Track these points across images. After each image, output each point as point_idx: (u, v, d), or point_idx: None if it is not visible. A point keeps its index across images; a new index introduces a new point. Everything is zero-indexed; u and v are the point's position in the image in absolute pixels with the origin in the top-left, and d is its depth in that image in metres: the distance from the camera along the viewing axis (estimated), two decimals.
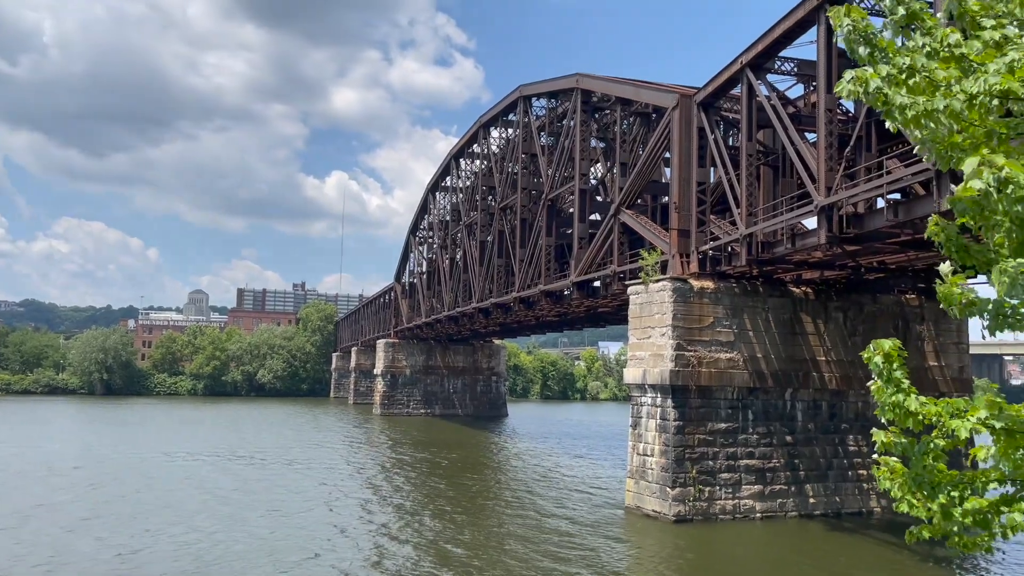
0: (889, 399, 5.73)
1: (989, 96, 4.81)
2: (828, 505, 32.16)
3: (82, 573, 22.02)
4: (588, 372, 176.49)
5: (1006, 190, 4.74)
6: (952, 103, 4.90)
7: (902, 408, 5.66)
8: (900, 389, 5.73)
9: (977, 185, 4.79)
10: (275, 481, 39.90)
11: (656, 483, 30.95)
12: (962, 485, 5.73)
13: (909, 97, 5.09)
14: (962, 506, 5.64)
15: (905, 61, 5.09)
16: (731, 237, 31.19)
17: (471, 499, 35.92)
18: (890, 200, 25.32)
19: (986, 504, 5.65)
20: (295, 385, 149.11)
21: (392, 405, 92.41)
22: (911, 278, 34.17)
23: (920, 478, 5.74)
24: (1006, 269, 4.93)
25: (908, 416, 5.66)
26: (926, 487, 5.73)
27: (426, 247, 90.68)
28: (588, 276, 43.67)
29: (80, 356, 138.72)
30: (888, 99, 5.12)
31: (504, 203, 60.68)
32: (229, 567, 22.73)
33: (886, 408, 5.74)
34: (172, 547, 24.90)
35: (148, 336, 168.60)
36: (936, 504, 5.69)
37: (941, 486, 5.72)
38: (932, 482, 5.73)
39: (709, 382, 31.30)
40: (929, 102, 4.96)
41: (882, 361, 5.83)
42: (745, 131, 30.59)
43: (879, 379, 5.85)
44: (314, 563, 23.52)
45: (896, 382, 5.76)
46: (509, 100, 59.27)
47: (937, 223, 5.67)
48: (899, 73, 5.09)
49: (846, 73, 5.35)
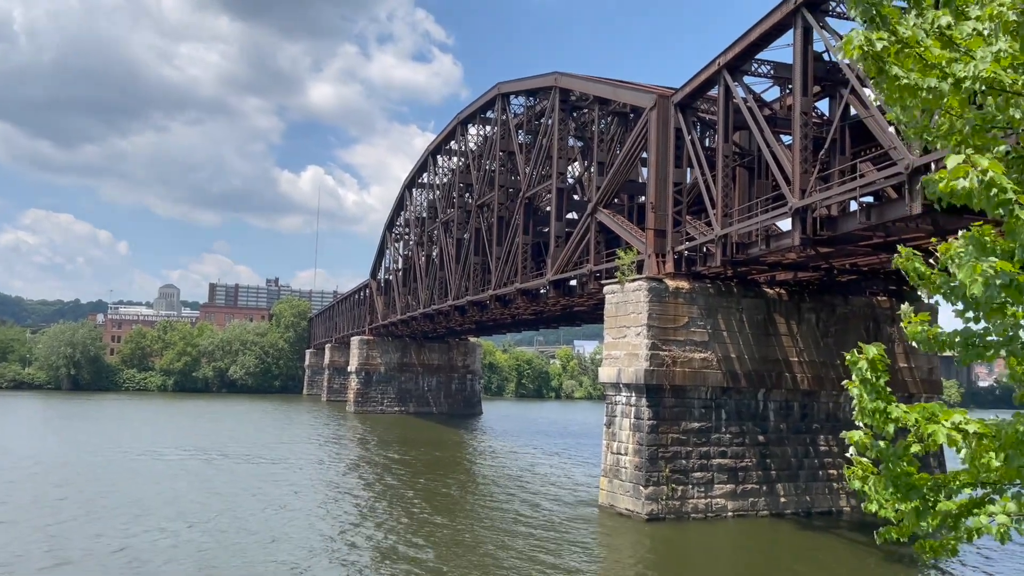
0: (870, 405, 5.76)
1: (975, 81, 4.85)
2: (799, 504, 32.50)
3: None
4: (563, 371, 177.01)
5: (988, 192, 4.78)
6: (941, 85, 4.93)
7: (883, 414, 5.69)
8: (881, 396, 5.76)
9: (960, 184, 4.83)
10: (241, 481, 39.51)
11: (629, 482, 31.07)
12: (936, 488, 5.79)
13: (903, 70, 5.11)
14: (934, 508, 5.70)
15: (905, 33, 5.09)
16: (706, 238, 31.39)
17: (443, 497, 35.83)
18: (863, 203, 25.61)
19: (956, 507, 5.72)
20: (268, 382, 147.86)
21: (366, 402, 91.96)
22: (882, 280, 34.63)
23: (897, 480, 5.78)
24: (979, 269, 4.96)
25: (888, 422, 5.69)
26: (902, 489, 5.77)
27: (402, 244, 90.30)
28: (564, 275, 43.74)
29: (47, 351, 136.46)
30: (885, 67, 5.14)
31: (481, 201, 60.60)
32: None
33: (865, 413, 5.77)
34: (113, 549, 24.55)
35: (117, 331, 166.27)
36: (910, 506, 5.73)
37: (916, 489, 5.77)
38: (907, 484, 5.77)
39: (683, 382, 31.48)
40: (921, 79, 4.98)
41: (866, 367, 5.86)
42: (721, 132, 30.80)
43: (861, 385, 5.87)
44: (274, 561, 23.31)
45: (879, 390, 5.79)
46: (487, 97, 59.20)
47: (903, 254, 5.76)
48: (894, 45, 5.10)
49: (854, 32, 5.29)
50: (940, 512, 5.69)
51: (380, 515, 31.18)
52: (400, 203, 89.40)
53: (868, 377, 5.79)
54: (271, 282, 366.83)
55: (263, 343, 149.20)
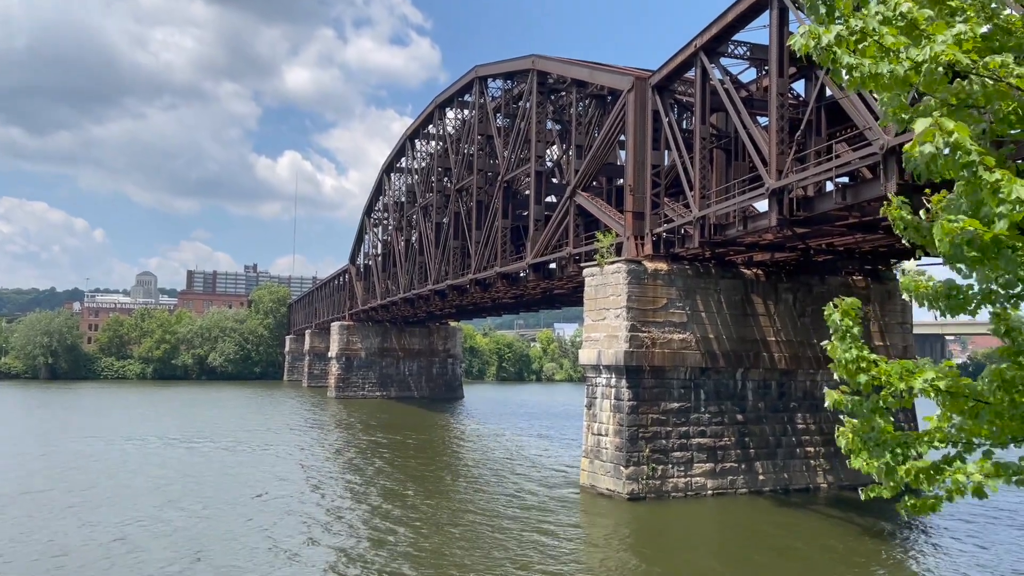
0: (843, 354, 5.93)
1: (935, 64, 4.94)
2: (777, 482, 32.98)
3: None
4: (544, 354, 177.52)
5: (954, 155, 4.89)
6: (896, 69, 5.03)
7: (855, 363, 5.86)
8: (855, 346, 5.94)
9: (926, 149, 4.93)
10: (224, 466, 39.44)
11: (610, 462, 31.36)
12: (905, 444, 5.94)
13: (856, 59, 5.20)
14: (905, 464, 5.85)
15: (858, 24, 5.19)
16: (684, 220, 31.55)
17: (424, 480, 35.98)
18: (839, 184, 25.85)
19: (928, 464, 5.87)
20: (248, 368, 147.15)
21: (347, 388, 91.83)
22: (858, 260, 35.02)
23: (867, 435, 5.95)
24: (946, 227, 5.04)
25: (860, 372, 5.85)
26: (871, 445, 5.94)
27: (381, 229, 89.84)
28: (544, 258, 43.82)
29: (23, 340, 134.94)
30: (836, 58, 5.23)
31: (460, 185, 60.41)
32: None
33: (840, 364, 5.94)
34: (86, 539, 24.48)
35: (94, 319, 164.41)
36: (880, 461, 5.90)
37: (886, 443, 5.92)
38: (877, 440, 5.93)
39: (662, 362, 31.74)
40: (875, 65, 5.08)
41: (840, 318, 6.03)
42: (699, 114, 30.89)
43: (835, 336, 6.04)
44: (255, 544, 23.36)
45: (852, 338, 5.96)
46: (465, 81, 58.85)
47: (894, 203, 5.83)
48: (850, 35, 5.20)
49: (800, 27, 5.43)
50: (913, 469, 5.82)
51: (362, 499, 31.26)
52: (378, 188, 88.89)
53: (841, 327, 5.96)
54: (249, 268, 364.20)
55: (242, 330, 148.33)
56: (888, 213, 5.83)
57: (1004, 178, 4.79)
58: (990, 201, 4.79)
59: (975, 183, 4.86)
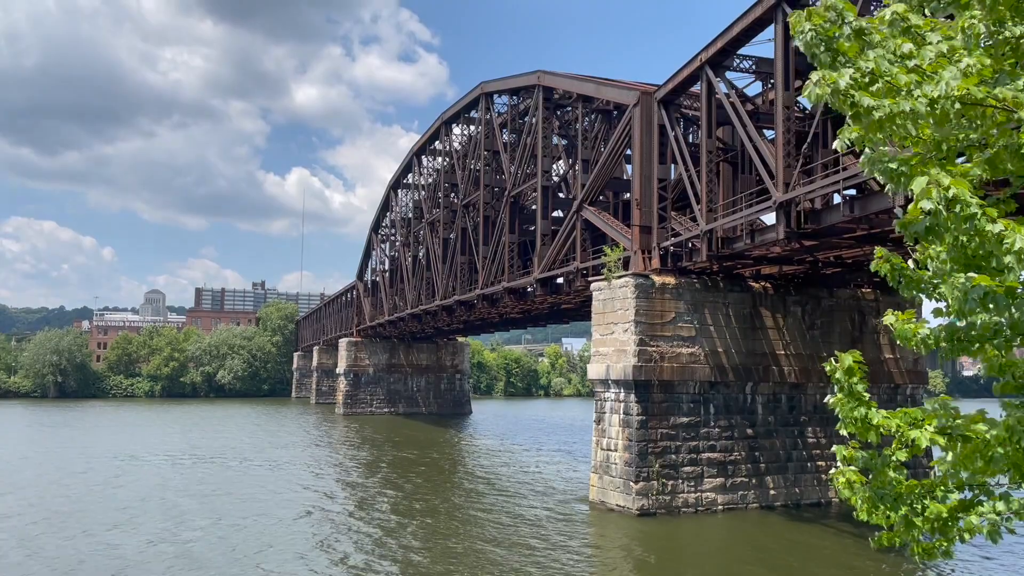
0: (850, 413, 5.83)
1: (949, 100, 4.92)
2: (788, 496, 32.68)
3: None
4: (552, 368, 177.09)
5: (954, 208, 4.90)
6: (916, 106, 5.00)
7: (864, 422, 5.76)
8: (861, 403, 5.83)
9: (926, 206, 4.93)
10: (229, 483, 39.35)
11: (620, 477, 31.14)
12: (922, 494, 5.85)
13: (875, 100, 5.17)
14: (923, 515, 5.75)
15: (868, 66, 5.17)
16: (692, 233, 31.49)
17: (433, 496, 35.79)
18: (846, 196, 25.76)
19: (946, 511, 5.77)
20: (256, 385, 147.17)
21: (355, 404, 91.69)
22: (867, 272, 34.81)
23: (882, 491, 5.85)
24: (957, 284, 5.06)
25: (870, 429, 5.76)
26: (888, 499, 5.83)
27: (388, 245, 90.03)
28: (551, 273, 43.77)
29: (32, 359, 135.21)
30: (856, 101, 5.20)
31: (467, 200, 60.53)
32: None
33: (847, 422, 5.85)
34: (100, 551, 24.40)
35: (103, 337, 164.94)
36: (898, 515, 5.80)
37: (903, 497, 5.83)
38: (894, 494, 5.84)
39: (671, 377, 31.58)
40: (895, 104, 5.05)
41: (843, 376, 5.93)
42: (705, 128, 30.89)
43: (840, 393, 5.97)
44: (268, 564, 23.24)
45: (857, 396, 5.87)
46: (471, 97, 59.10)
47: (882, 256, 5.82)
48: (862, 77, 5.18)
49: (812, 75, 5.38)
50: (930, 518, 5.74)
51: (371, 514, 31.10)
52: (385, 204, 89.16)
53: (845, 384, 5.88)
54: (257, 285, 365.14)
55: (250, 347, 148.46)
56: (878, 268, 5.79)
57: (1008, 228, 4.82)
58: (997, 251, 4.81)
59: (980, 234, 4.87)
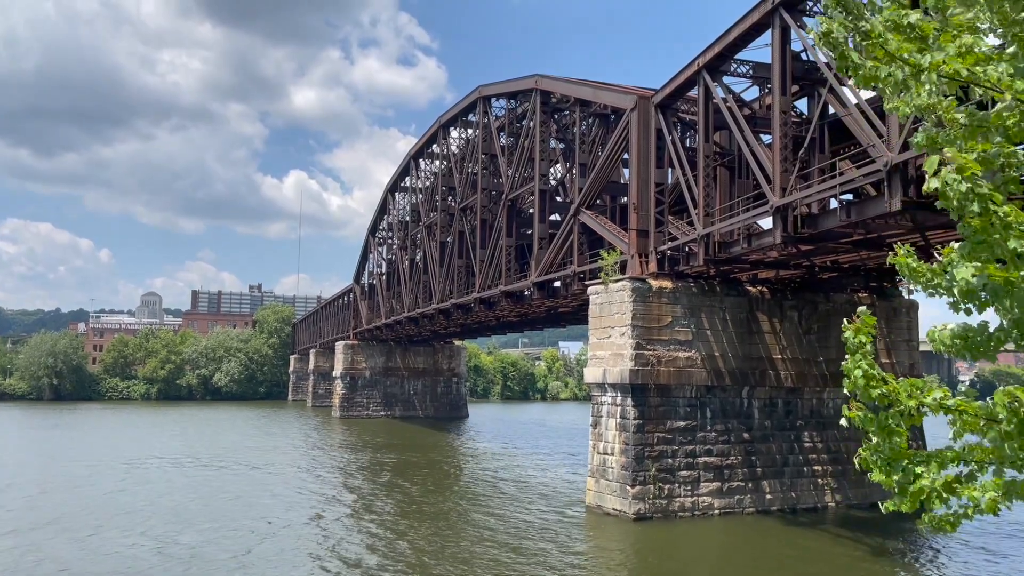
0: (855, 370, 5.96)
1: (935, 73, 5.00)
2: (784, 501, 32.68)
3: None
4: (549, 372, 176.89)
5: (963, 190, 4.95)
6: (895, 72, 5.13)
7: (865, 379, 5.88)
8: (866, 361, 5.97)
9: (934, 184, 4.98)
10: (231, 486, 39.26)
11: (616, 481, 31.13)
12: (915, 463, 5.91)
13: (860, 59, 5.44)
14: (915, 483, 5.81)
15: (864, 26, 5.31)
16: (689, 237, 31.53)
17: (429, 500, 35.75)
18: (843, 201, 25.83)
19: (941, 484, 5.81)
20: (252, 388, 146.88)
21: (351, 407, 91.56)
22: (863, 277, 34.92)
23: (880, 452, 5.93)
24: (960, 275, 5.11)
25: (872, 387, 5.86)
26: (883, 461, 5.91)
27: (386, 248, 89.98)
28: (548, 276, 43.78)
29: (28, 361, 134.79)
30: (845, 54, 5.49)
31: (464, 203, 60.53)
32: None
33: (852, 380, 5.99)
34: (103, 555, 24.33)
35: (99, 340, 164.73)
36: (893, 478, 5.87)
37: (898, 461, 5.89)
38: (889, 457, 5.90)
39: (668, 381, 31.58)
40: (875, 68, 5.21)
41: (852, 335, 6.05)
42: (702, 132, 30.96)
43: (849, 352, 6.12)
44: (278, 560, 23.19)
45: (864, 355, 5.99)
46: (468, 100, 59.14)
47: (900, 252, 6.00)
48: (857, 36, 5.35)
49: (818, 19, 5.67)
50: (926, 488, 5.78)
51: (369, 518, 31.05)
52: (383, 207, 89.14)
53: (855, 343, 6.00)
54: (254, 288, 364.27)
55: (247, 349, 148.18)
56: (896, 262, 5.92)
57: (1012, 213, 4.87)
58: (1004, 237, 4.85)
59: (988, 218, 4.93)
